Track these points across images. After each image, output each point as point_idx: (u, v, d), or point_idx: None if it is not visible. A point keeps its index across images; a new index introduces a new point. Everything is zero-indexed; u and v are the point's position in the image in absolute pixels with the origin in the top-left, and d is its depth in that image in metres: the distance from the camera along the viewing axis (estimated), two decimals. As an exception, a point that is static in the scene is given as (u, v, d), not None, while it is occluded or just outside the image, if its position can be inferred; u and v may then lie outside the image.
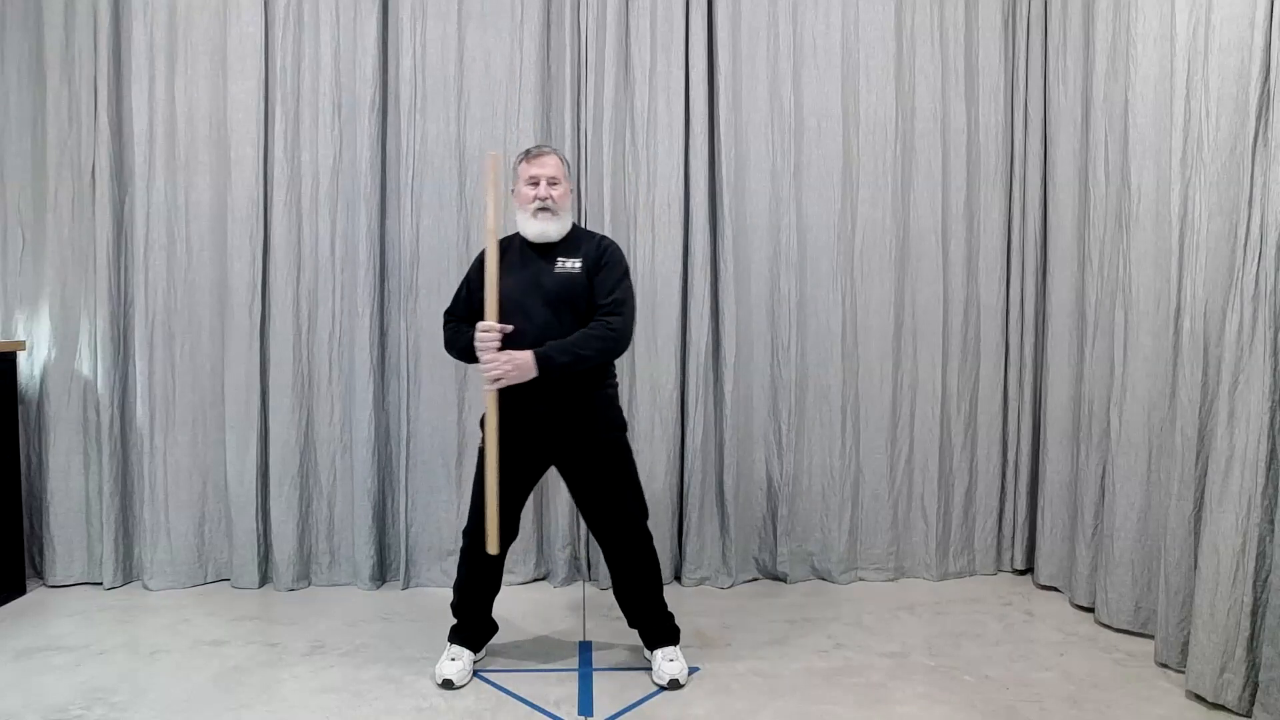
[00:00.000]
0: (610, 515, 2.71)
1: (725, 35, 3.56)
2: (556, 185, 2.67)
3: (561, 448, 2.69)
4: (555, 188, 2.66)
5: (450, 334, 2.78)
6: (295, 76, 3.49)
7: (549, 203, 2.65)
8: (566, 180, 2.73)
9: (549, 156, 2.70)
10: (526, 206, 2.67)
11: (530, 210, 2.66)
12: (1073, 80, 3.49)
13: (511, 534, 2.76)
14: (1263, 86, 2.49)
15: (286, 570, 3.51)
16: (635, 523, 2.72)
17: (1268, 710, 2.40)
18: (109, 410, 3.46)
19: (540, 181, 2.65)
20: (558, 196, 2.66)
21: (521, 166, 2.71)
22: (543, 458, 2.73)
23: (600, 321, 2.60)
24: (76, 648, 2.92)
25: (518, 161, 2.75)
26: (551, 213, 2.66)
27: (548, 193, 2.64)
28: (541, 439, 2.66)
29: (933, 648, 2.99)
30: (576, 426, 2.65)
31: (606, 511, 2.70)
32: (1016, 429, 3.79)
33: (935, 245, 3.71)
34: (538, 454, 2.71)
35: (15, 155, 3.50)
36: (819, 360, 3.68)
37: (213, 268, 3.52)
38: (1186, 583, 2.72)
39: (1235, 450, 2.51)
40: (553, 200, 2.65)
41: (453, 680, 2.63)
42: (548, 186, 2.65)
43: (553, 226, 2.67)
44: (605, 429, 2.70)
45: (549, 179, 2.65)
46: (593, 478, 2.69)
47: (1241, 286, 2.50)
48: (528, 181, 2.67)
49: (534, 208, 2.65)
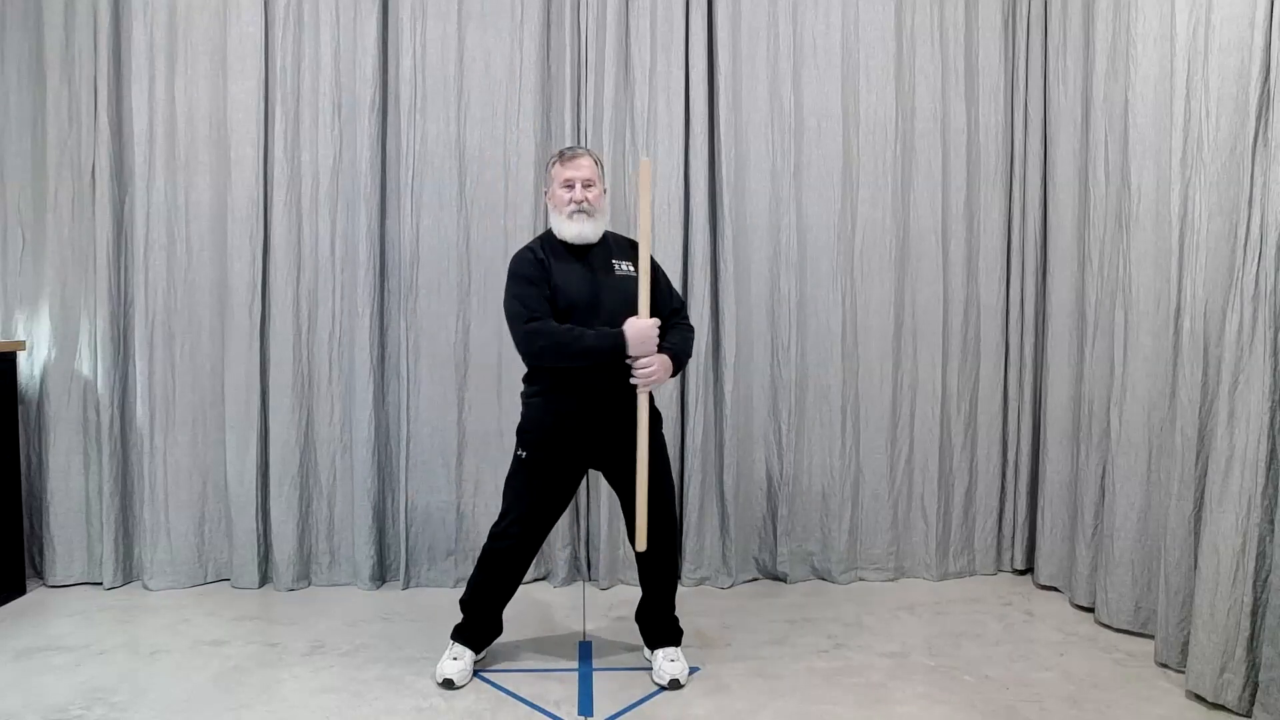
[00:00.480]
0: (659, 514, 2.68)
1: (725, 35, 3.56)
2: (591, 187, 2.66)
3: (609, 448, 2.67)
4: (590, 190, 2.66)
5: (561, 336, 2.54)
6: (295, 76, 3.49)
7: (585, 205, 2.65)
8: (601, 181, 2.73)
9: (584, 159, 2.69)
10: (563, 209, 2.66)
11: (566, 213, 2.65)
12: (1073, 80, 3.49)
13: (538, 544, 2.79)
14: (1263, 86, 2.49)
15: (286, 570, 3.51)
16: (675, 522, 2.78)
17: (1268, 710, 2.40)
18: (109, 410, 3.46)
19: (575, 184, 2.64)
20: (593, 198, 2.66)
21: (556, 169, 2.70)
22: (586, 462, 2.75)
23: (681, 323, 2.76)
24: (76, 648, 2.92)
25: (552, 164, 2.75)
26: (588, 214, 2.66)
27: (583, 195, 2.64)
28: (589, 442, 2.66)
29: (933, 648, 2.99)
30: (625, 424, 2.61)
31: (657, 511, 2.67)
32: (1016, 429, 3.79)
33: (935, 245, 3.71)
34: (581, 459, 2.72)
35: (15, 155, 3.50)
36: (819, 360, 3.68)
37: (213, 268, 3.52)
38: (1186, 583, 2.72)
39: (1235, 450, 2.51)
40: (589, 202, 2.65)
41: (454, 680, 2.63)
42: (583, 189, 2.64)
43: (589, 228, 2.67)
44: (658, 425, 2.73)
45: (584, 181, 2.65)
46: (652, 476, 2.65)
47: (1241, 286, 2.50)
48: (563, 184, 2.66)
49: (570, 210, 2.65)
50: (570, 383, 2.61)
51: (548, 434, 2.65)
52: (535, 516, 2.70)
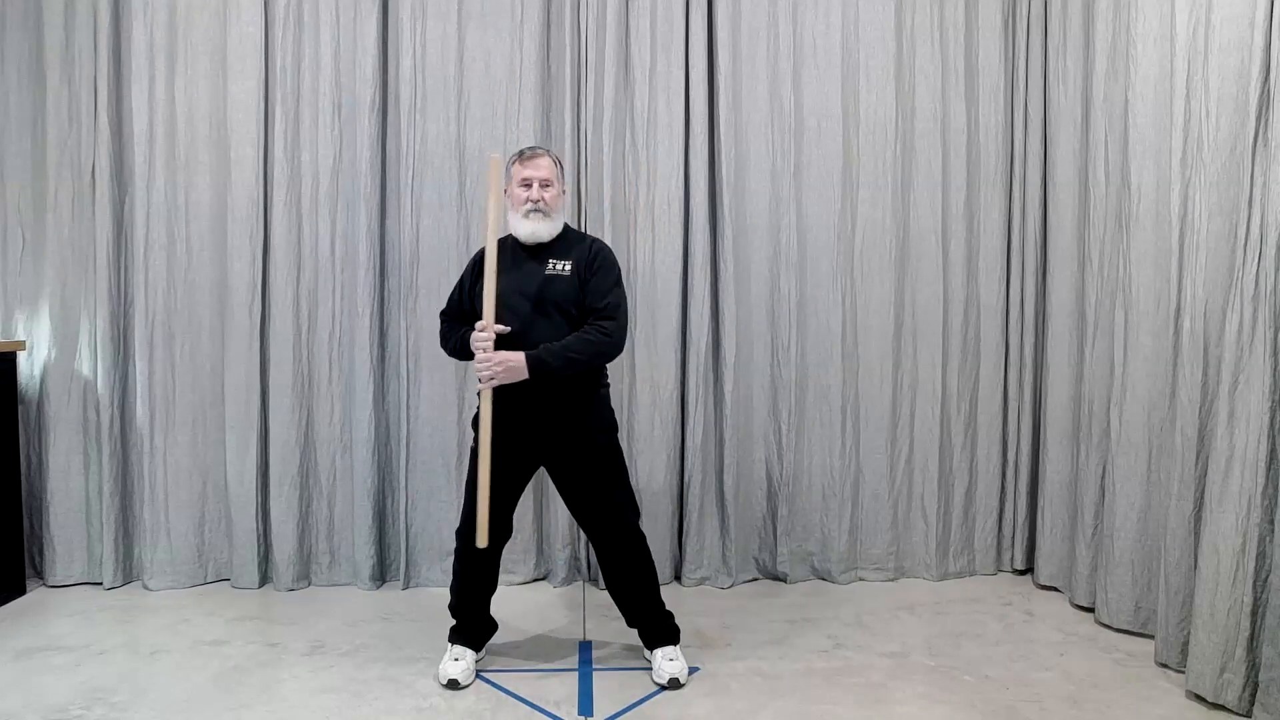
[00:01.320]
0: (601, 515, 2.72)
1: (725, 35, 3.56)
2: (549, 187, 2.69)
3: (551, 447, 2.70)
4: (547, 189, 2.68)
5: (445, 332, 2.86)
6: (295, 76, 3.50)
7: (540, 204, 2.67)
8: (559, 182, 2.75)
9: (542, 158, 2.72)
10: (519, 207, 2.69)
11: (522, 211, 2.68)
12: (1073, 80, 3.49)
13: (505, 533, 2.77)
14: (1263, 86, 2.49)
15: (286, 570, 3.51)
16: (626, 522, 2.73)
17: (1268, 710, 2.40)
18: (109, 410, 3.46)
19: (533, 183, 2.67)
20: (549, 198, 2.69)
21: (515, 168, 2.73)
22: (533, 456, 2.74)
23: (594, 325, 2.62)
24: (76, 648, 2.92)
25: (511, 162, 2.77)
26: (543, 214, 2.68)
27: (540, 194, 2.67)
28: (532, 437, 2.67)
29: (933, 648, 2.99)
30: (567, 426, 2.66)
31: (597, 511, 2.72)
32: (1016, 429, 3.79)
33: (935, 245, 3.71)
34: (528, 452, 2.72)
35: (15, 155, 3.50)
36: (819, 360, 3.68)
37: (213, 268, 3.52)
38: (1186, 583, 2.72)
39: (1235, 450, 2.51)
40: (544, 202, 2.67)
41: (458, 680, 2.63)
42: (540, 189, 2.67)
43: (544, 227, 2.68)
44: (596, 429, 2.71)
45: (541, 180, 2.68)
46: (582, 477, 2.70)
47: (1241, 286, 2.50)
48: (520, 183, 2.69)
49: (526, 209, 2.67)
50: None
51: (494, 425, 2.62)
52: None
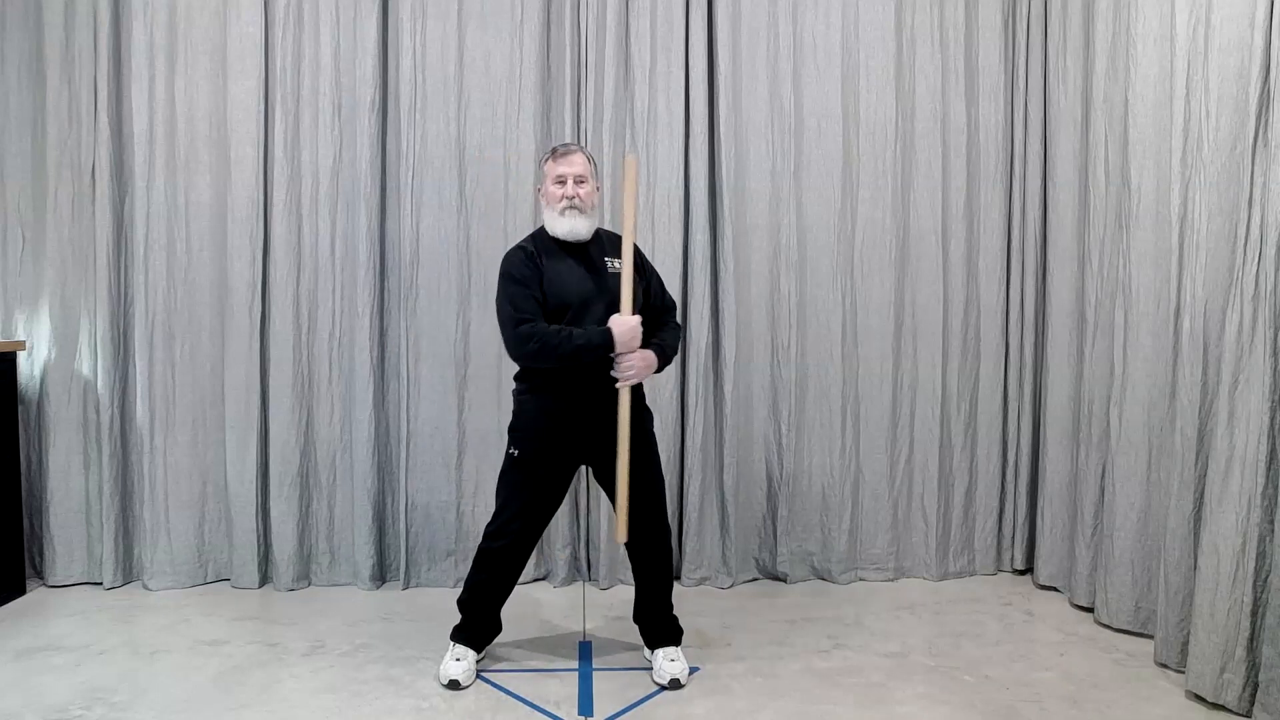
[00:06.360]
0: (647, 508, 2.70)
1: (725, 35, 3.56)
2: (584, 184, 2.69)
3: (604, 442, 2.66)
4: (582, 186, 2.68)
5: (545, 337, 2.53)
6: (295, 76, 3.49)
7: (576, 201, 2.67)
8: (593, 179, 2.75)
9: (576, 155, 2.72)
10: (555, 205, 2.68)
11: (559, 209, 2.67)
12: (1073, 80, 3.48)
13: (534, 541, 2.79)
14: (1263, 86, 2.49)
15: (286, 570, 3.51)
16: (665, 518, 2.77)
17: (1268, 710, 2.40)
18: (109, 410, 3.46)
19: (568, 180, 2.67)
20: (585, 194, 2.68)
21: (549, 165, 2.73)
22: (579, 456, 2.74)
23: (673, 321, 2.83)
24: (76, 648, 2.92)
25: (545, 160, 2.78)
26: (579, 210, 2.68)
27: (575, 191, 2.66)
28: (582, 436, 2.67)
29: (933, 648, 2.99)
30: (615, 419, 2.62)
31: (645, 499, 2.69)
32: (1016, 429, 3.79)
33: (935, 245, 3.71)
34: (575, 452, 2.71)
35: (15, 155, 3.49)
36: (819, 360, 3.68)
37: (213, 268, 3.52)
38: (1186, 583, 2.72)
39: (1235, 450, 2.51)
40: (580, 198, 2.67)
41: (459, 680, 2.63)
42: (575, 185, 2.67)
43: (582, 224, 2.68)
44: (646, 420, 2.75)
45: (576, 177, 2.67)
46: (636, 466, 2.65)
47: (1241, 286, 2.50)
48: (555, 180, 2.69)
49: (562, 206, 2.67)
50: (558, 380, 2.62)
51: (539, 432, 2.66)
52: (530, 514, 2.70)
